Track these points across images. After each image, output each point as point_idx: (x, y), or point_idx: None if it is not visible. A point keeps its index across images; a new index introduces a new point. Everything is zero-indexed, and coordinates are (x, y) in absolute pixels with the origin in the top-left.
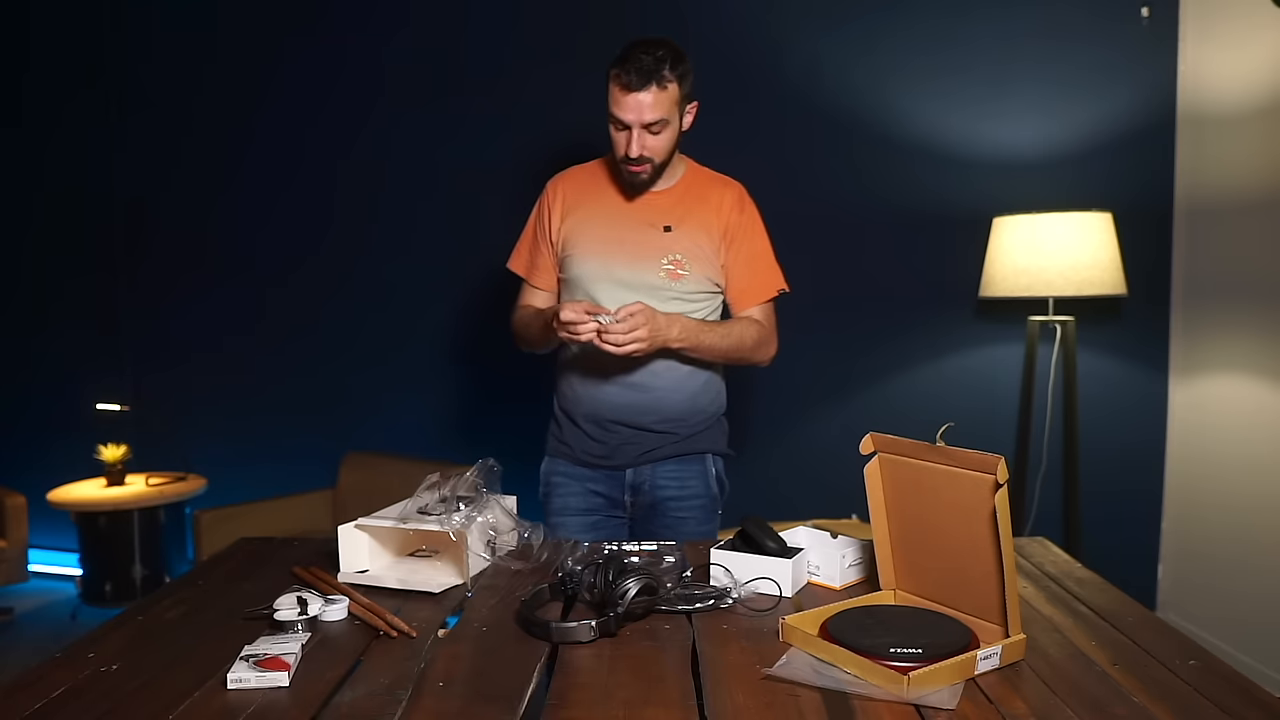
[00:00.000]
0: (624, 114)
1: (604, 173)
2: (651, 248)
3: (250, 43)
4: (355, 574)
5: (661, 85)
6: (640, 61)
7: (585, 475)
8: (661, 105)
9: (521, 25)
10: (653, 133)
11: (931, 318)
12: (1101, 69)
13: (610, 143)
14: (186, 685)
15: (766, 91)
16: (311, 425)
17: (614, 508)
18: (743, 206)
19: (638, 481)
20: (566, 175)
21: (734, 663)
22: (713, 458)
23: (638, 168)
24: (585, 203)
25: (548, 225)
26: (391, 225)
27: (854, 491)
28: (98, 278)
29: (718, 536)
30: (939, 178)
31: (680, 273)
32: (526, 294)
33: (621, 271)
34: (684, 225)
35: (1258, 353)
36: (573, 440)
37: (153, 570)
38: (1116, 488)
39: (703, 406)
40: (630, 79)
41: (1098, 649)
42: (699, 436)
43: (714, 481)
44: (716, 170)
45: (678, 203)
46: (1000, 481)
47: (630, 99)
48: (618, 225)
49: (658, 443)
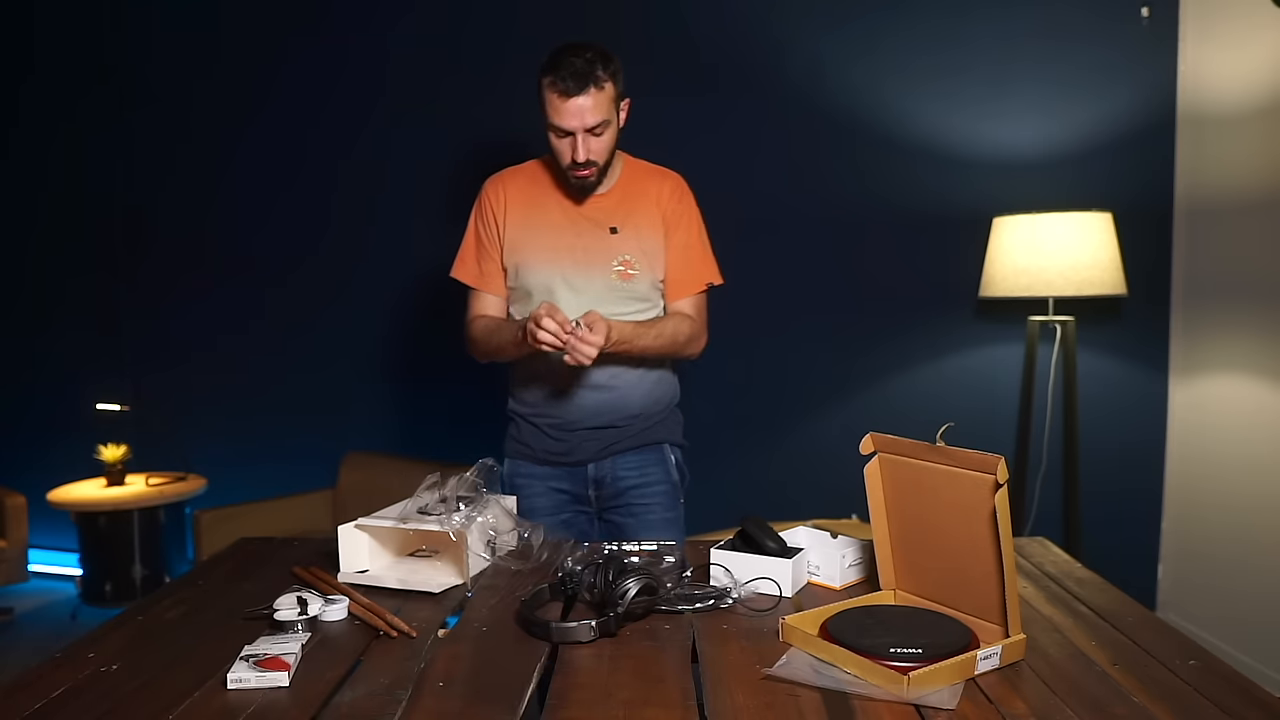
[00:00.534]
0: (566, 121)
1: (543, 176)
2: (600, 251)
3: (251, 43)
4: (355, 574)
5: (599, 86)
6: (573, 65)
7: (547, 474)
8: (601, 107)
9: (521, 25)
10: (595, 135)
11: (931, 318)
12: (1101, 69)
13: (550, 149)
14: (186, 685)
15: (767, 92)
16: (311, 425)
17: (579, 502)
18: (680, 196)
19: (599, 475)
20: (504, 179)
21: (734, 663)
22: (670, 447)
23: (585, 172)
24: (528, 209)
25: (493, 230)
26: (391, 225)
27: (854, 491)
28: (98, 278)
29: (683, 525)
30: (939, 178)
31: (631, 273)
32: (478, 302)
33: (574, 278)
34: (628, 224)
35: (1258, 353)
36: (531, 440)
37: (153, 570)
38: (1116, 488)
39: (659, 398)
40: (567, 85)
41: (1098, 649)
42: (655, 428)
43: (674, 469)
44: (713, 167)
45: (620, 203)
46: (1000, 481)
47: (570, 105)
48: (565, 231)
49: (617, 437)
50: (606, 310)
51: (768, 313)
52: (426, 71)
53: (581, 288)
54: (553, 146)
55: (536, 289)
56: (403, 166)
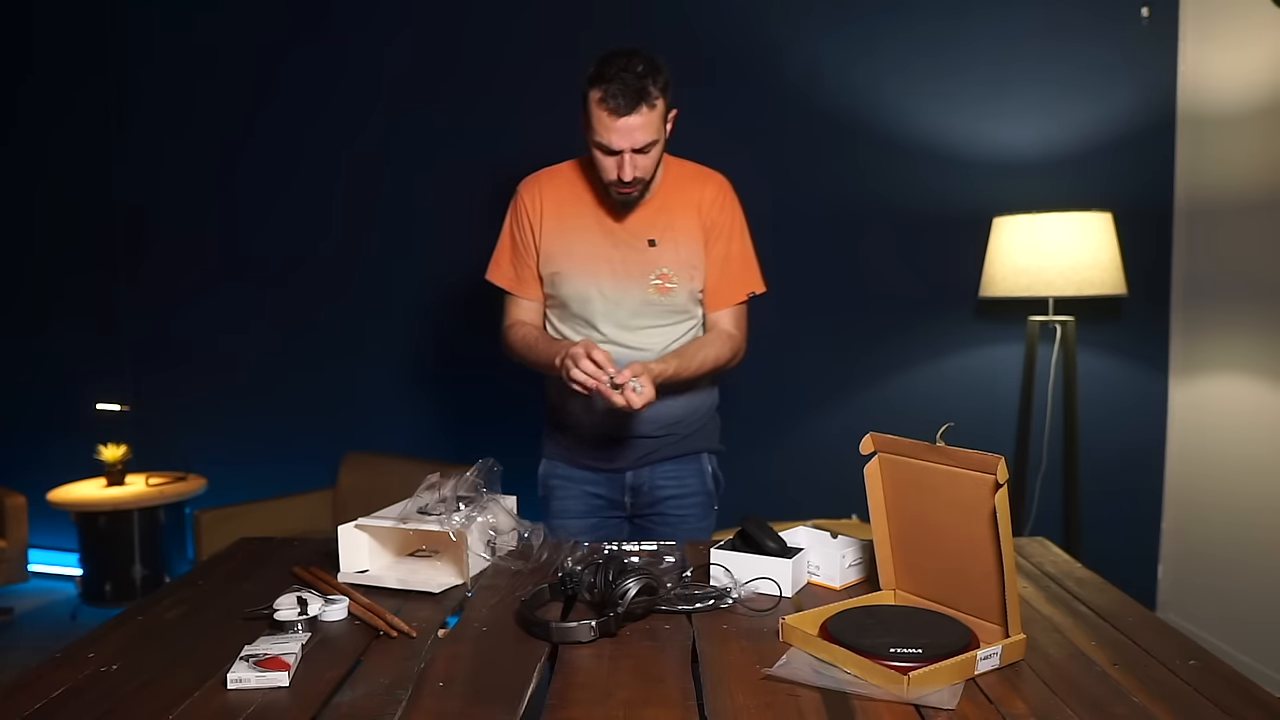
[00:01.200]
0: (614, 141)
1: (581, 181)
2: (637, 264)
3: (250, 42)
4: (355, 574)
5: (651, 104)
6: (624, 81)
7: (584, 477)
8: (651, 125)
9: (522, 24)
10: (643, 153)
11: (931, 318)
12: (1101, 69)
13: (594, 162)
14: (186, 685)
15: (767, 91)
16: (311, 425)
17: (613, 508)
18: (722, 203)
19: (637, 483)
20: (540, 182)
21: (734, 663)
22: (708, 456)
23: (629, 189)
24: (564, 217)
25: (529, 236)
26: (391, 225)
27: (854, 491)
28: (98, 277)
29: (713, 533)
30: (939, 178)
31: (669, 286)
32: (515, 308)
33: (610, 290)
34: (667, 236)
35: (1258, 353)
36: (570, 444)
37: (153, 570)
38: (1116, 488)
39: (697, 407)
40: (618, 103)
41: (1098, 649)
42: (695, 436)
43: (710, 479)
44: (713, 166)
45: (659, 212)
46: (1000, 481)
47: (620, 124)
48: (601, 243)
49: (655, 446)
50: (643, 322)
51: (767, 312)
52: (426, 70)
53: (618, 300)
54: (596, 160)
55: (573, 300)
56: (403, 166)
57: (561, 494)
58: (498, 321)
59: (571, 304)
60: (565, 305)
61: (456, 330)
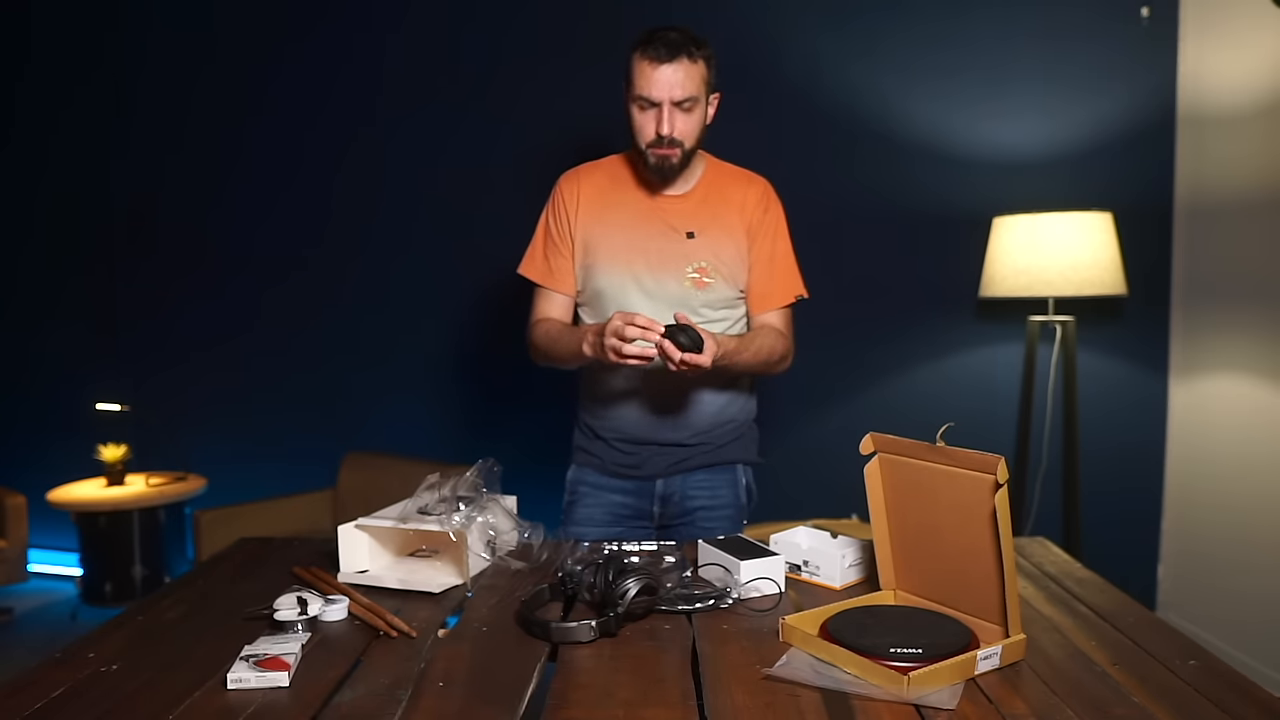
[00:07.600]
0: (654, 91)
1: (622, 173)
2: (674, 255)
3: (249, 42)
4: (355, 574)
5: (692, 58)
6: (667, 37)
7: (614, 485)
8: (693, 80)
9: (520, 23)
10: (684, 110)
11: (932, 318)
12: (1101, 69)
13: (631, 135)
14: (186, 685)
15: (766, 91)
16: (311, 425)
17: (640, 518)
18: (767, 205)
19: (668, 492)
20: (580, 174)
21: (734, 663)
22: (743, 467)
23: (668, 150)
24: (603, 208)
25: (566, 226)
26: (391, 224)
27: (854, 491)
28: (98, 277)
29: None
30: (939, 178)
31: (706, 281)
32: (544, 302)
33: (646, 280)
34: (707, 231)
35: (1258, 353)
36: (601, 453)
37: (153, 570)
38: (1116, 488)
39: (732, 416)
40: (659, 51)
41: (1098, 649)
42: (730, 446)
43: (743, 491)
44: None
45: (700, 206)
46: (1000, 481)
47: (660, 73)
48: (639, 233)
49: (687, 454)
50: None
51: None
52: (426, 69)
53: (654, 292)
54: (635, 127)
55: (608, 290)
56: (403, 165)
57: (588, 501)
58: (498, 321)
59: (606, 294)
60: (600, 296)
61: (457, 330)
